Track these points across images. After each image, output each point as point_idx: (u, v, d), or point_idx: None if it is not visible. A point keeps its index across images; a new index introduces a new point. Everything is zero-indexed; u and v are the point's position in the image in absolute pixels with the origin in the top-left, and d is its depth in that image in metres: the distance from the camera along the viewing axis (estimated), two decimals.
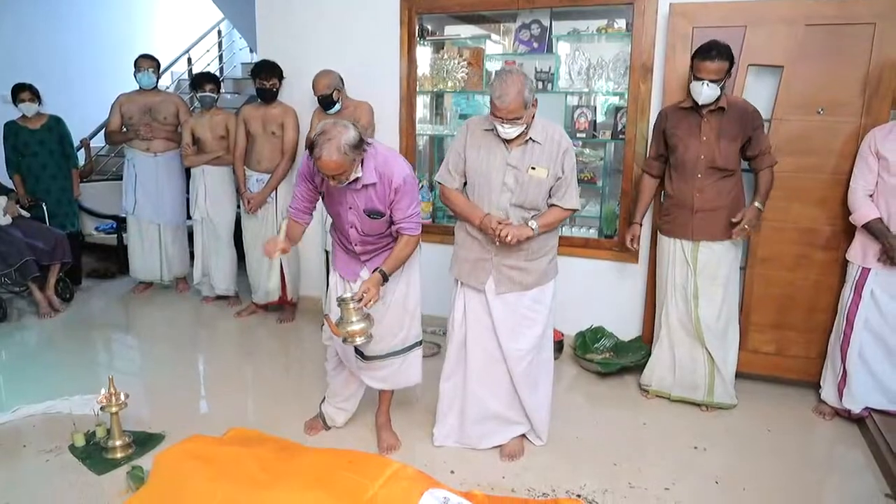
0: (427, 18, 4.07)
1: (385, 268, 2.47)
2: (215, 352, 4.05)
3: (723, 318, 3.09)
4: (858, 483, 2.66)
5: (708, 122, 2.97)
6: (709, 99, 2.90)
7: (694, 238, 3.05)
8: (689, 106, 3.01)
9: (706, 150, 2.97)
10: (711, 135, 2.96)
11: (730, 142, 2.95)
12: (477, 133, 2.56)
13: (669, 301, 3.16)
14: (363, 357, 2.67)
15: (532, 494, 2.51)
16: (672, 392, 3.22)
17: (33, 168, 4.76)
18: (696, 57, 2.90)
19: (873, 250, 2.89)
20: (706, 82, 2.85)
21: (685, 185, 3.05)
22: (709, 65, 2.83)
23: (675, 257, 3.12)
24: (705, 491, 2.57)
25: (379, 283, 2.44)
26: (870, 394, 2.97)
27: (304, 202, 2.56)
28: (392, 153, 2.49)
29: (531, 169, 2.48)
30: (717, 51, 2.83)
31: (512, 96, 2.33)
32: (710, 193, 3.00)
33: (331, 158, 2.20)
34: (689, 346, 3.14)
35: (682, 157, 3.03)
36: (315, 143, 2.22)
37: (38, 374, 3.56)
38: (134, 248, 4.87)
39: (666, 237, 3.18)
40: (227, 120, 4.41)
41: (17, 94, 4.60)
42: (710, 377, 3.12)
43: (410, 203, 2.44)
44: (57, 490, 2.52)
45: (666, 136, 3.10)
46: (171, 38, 7.76)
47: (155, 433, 2.90)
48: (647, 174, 3.28)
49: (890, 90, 2.96)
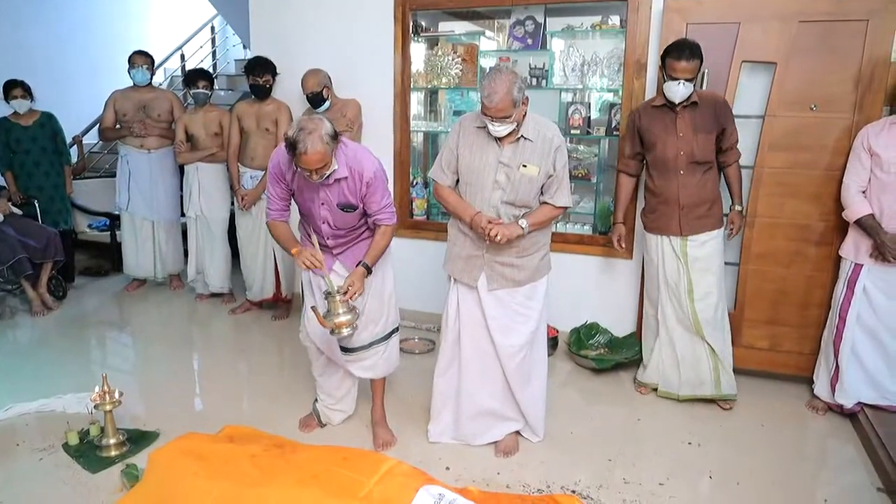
0: (421, 15, 4.06)
1: (368, 260, 2.54)
2: (209, 349, 4.05)
3: (719, 308, 3.10)
4: (851, 476, 2.68)
5: (682, 118, 2.98)
6: (683, 97, 2.93)
7: (682, 234, 3.06)
8: (662, 104, 3.02)
9: (684, 146, 2.99)
10: (687, 130, 2.98)
11: (706, 134, 2.98)
12: (470, 130, 2.56)
13: (664, 299, 3.16)
14: (349, 350, 2.71)
15: (527, 490, 2.52)
16: (680, 392, 3.20)
17: (26, 165, 4.73)
18: (668, 56, 2.90)
19: (865, 246, 2.91)
20: (681, 81, 2.87)
21: (668, 181, 3.05)
22: (683, 64, 2.85)
23: (665, 254, 3.13)
24: (699, 485, 2.58)
25: (363, 276, 2.51)
26: (862, 389, 2.99)
27: (280, 201, 2.59)
28: (361, 148, 2.52)
29: (522, 166, 2.48)
30: (689, 50, 2.86)
31: (500, 95, 2.32)
32: (694, 188, 3.02)
33: (315, 150, 2.22)
34: (690, 342, 3.14)
35: (662, 155, 3.04)
36: (297, 139, 2.22)
37: (32, 373, 3.54)
38: (128, 246, 4.85)
39: (652, 235, 3.18)
40: (220, 117, 4.40)
41: (9, 91, 4.57)
42: (715, 370, 3.12)
43: (383, 195, 2.51)
44: (51, 488, 2.51)
45: (641, 134, 3.12)
46: (165, 34, 7.73)
47: (149, 431, 2.89)
48: (625, 174, 3.29)
49: (882, 87, 2.97)
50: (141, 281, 4.99)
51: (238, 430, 2.77)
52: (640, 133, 3.12)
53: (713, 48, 3.15)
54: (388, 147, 4.12)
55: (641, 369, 3.36)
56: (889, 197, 2.82)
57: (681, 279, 3.09)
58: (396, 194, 4.18)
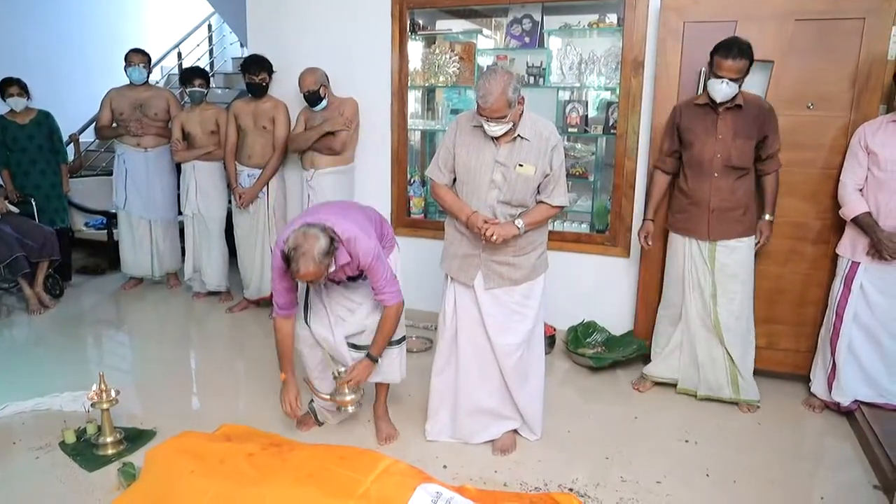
0: (418, 13, 4.06)
1: (374, 351, 2.64)
2: (207, 348, 4.04)
3: (743, 317, 3.06)
4: (847, 474, 2.69)
5: (724, 119, 2.90)
6: (727, 97, 2.83)
7: (711, 238, 3.01)
8: (705, 103, 2.94)
9: (722, 149, 2.91)
10: (728, 133, 2.90)
11: (746, 140, 2.89)
12: (466, 130, 2.56)
13: (688, 300, 3.11)
14: (356, 348, 2.73)
15: (524, 489, 2.52)
16: (698, 391, 3.18)
17: (22, 163, 4.72)
18: (716, 54, 2.80)
19: (862, 244, 2.91)
20: (726, 80, 2.78)
21: (701, 183, 2.99)
22: (730, 63, 2.75)
23: (692, 256, 3.07)
24: (696, 483, 2.59)
25: (369, 368, 2.66)
26: (858, 387, 2.99)
27: (288, 294, 2.60)
28: (358, 234, 2.46)
29: (518, 166, 2.47)
30: (739, 49, 2.74)
31: (495, 96, 2.31)
32: (727, 192, 2.95)
33: (308, 270, 2.29)
34: (708, 344, 3.10)
35: (698, 156, 2.97)
36: (290, 258, 2.29)
37: (28, 371, 3.53)
38: (125, 244, 4.84)
39: (679, 235, 3.13)
40: (217, 115, 4.39)
41: (6, 89, 4.56)
42: (732, 375, 3.09)
43: (383, 273, 2.53)
44: (47, 487, 2.50)
45: (680, 132, 3.04)
46: (161, 32, 7.71)
47: (146, 429, 2.89)
48: (661, 170, 3.18)
49: (879, 85, 2.97)
50: (138, 279, 4.98)
51: (235, 429, 2.77)
52: (678, 130, 3.05)
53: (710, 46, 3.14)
54: (386, 145, 4.12)
55: (650, 364, 3.33)
56: (886, 195, 2.82)
57: (706, 282, 3.04)
58: (394, 193, 4.18)
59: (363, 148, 4.14)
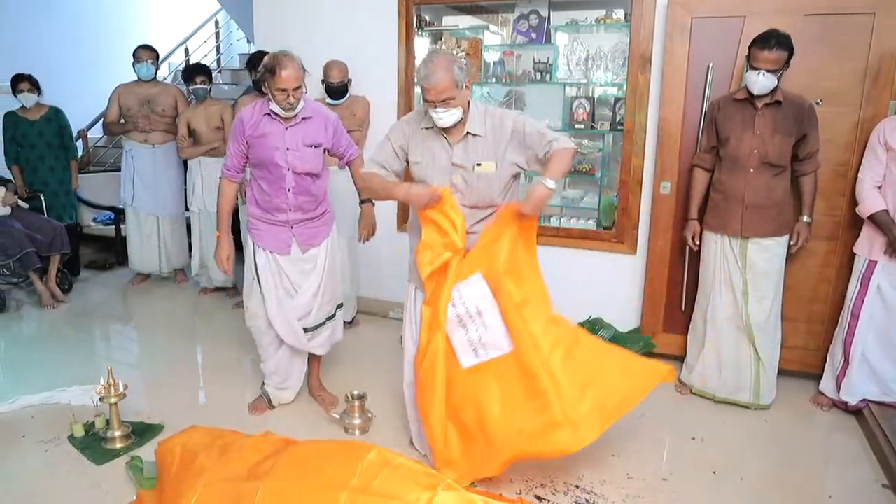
0: (425, 9, 4.04)
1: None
2: (213, 342, 4.05)
3: (773, 316, 3.03)
4: (855, 473, 2.67)
5: (763, 115, 2.87)
6: (764, 89, 2.80)
7: (743, 234, 2.97)
8: (744, 98, 2.91)
9: (759, 145, 2.87)
10: (766, 129, 2.86)
11: (784, 137, 2.85)
12: (417, 134, 2.42)
13: (717, 298, 3.07)
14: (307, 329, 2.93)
15: (529, 485, 2.52)
16: (717, 394, 3.16)
17: (31, 159, 4.75)
18: (753, 46, 2.78)
19: (880, 243, 2.87)
20: (762, 72, 2.74)
21: (736, 179, 2.94)
22: (766, 54, 2.72)
23: (724, 253, 3.03)
24: (703, 481, 2.58)
25: (372, 211, 3.02)
26: (867, 386, 2.98)
27: (239, 157, 2.78)
28: None
29: (477, 165, 2.35)
30: (776, 39, 2.72)
31: (440, 75, 2.21)
32: (762, 189, 2.90)
33: (290, 74, 2.59)
34: (736, 344, 3.06)
35: (735, 151, 2.93)
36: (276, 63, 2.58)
37: (37, 365, 3.56)
38: (132, 240, 4.87)
39: (711, 232, 3.09)
40: (222, 111, 4.41)
41: (17, 85, 4.59)
42: (756, 378, 3.06)
43: (347, 136, 2.91)
44: (56, 480, 2.53)
45: (717, 127, 3.00)
46: (169, 28, 7.72)
47: (154, 424, 2.91)
48: (700, 168, 3.12)
49: (889, 80, 2.95)
50: (145, 275, 5.01)
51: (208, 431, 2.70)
52: (716, 125, 3.01)
53: (718, 42, 3.14)
54: None
55: (686, 370, 3.31)
56: None
57: (738, 280, 3.01)
58: None
59: (369, 144, 4.14)
